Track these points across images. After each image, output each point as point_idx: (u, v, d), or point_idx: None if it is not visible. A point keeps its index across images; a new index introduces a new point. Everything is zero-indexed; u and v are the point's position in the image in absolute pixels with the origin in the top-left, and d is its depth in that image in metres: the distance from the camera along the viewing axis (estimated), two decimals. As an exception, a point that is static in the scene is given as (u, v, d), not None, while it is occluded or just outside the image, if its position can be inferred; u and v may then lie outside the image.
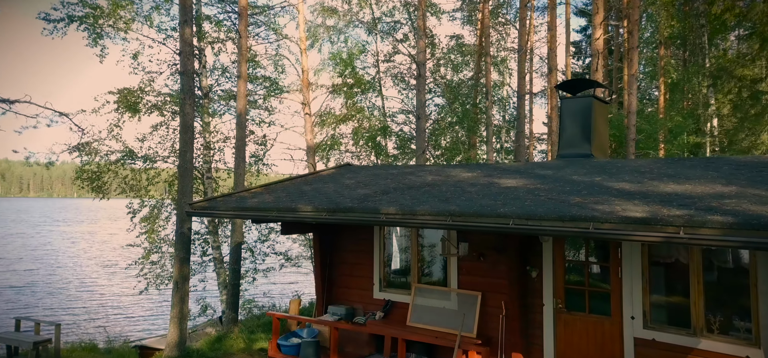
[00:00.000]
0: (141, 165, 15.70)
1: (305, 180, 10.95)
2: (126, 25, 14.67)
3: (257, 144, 17.59)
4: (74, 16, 14.24)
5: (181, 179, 9.99)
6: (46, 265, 29.43)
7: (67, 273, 27.48)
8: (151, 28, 15.37)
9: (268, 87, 17.76)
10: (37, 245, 40.26)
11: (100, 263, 30.59)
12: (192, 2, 10.22)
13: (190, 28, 9.84)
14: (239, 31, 11.76)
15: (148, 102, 15.21)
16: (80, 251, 36.95)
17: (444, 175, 9.63)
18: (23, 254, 33.03)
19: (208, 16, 15.90)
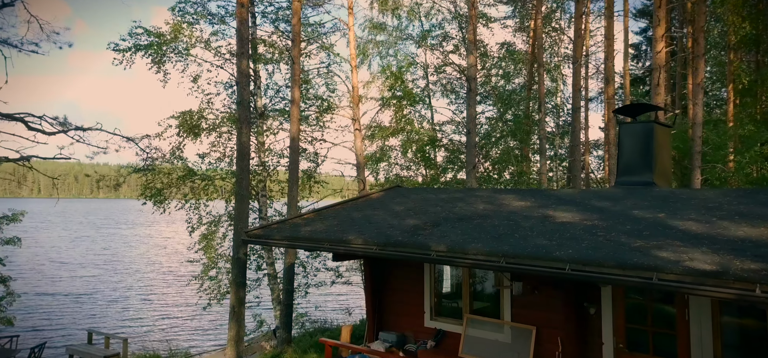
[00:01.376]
0: (200, 183, 16.40)
1: (355, 205, 11.06)
2: (186, 51, 15.40)
3: (309, 161, 17.96)
4: (140, 45, 15.09)
5: (238, 204, 10.34)
6: (108, 271, 31.13)
7: (129, 279, 28.99)
8: (209, 51, 16.06)
9: (320, 105, 18.10)
10: (100, 249, 42.64)
11: (159, 270, 32.07)
12: (248, 35, 10.57)
13: (247, 61, 10.20)
14: (293, 56, 12.06)
15: (208, 123, 15.87)
16: (138, 255, 38.81)
17: (495, 203, 9.46)
18: (87, 259, 35.05)
19: (263, 39, 16.40)
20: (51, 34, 10.43)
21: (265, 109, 16.90)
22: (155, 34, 15.31)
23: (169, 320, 20.28)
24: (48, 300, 22.44)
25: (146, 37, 15.15)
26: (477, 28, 20.28)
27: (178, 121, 15.60)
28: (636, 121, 9.31)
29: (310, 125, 18.35)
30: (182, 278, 27.87)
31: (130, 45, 15.11)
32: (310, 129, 18.32)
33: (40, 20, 9.83)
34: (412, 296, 9.91)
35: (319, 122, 18.58)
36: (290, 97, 12.51)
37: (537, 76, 25.60)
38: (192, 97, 16.59)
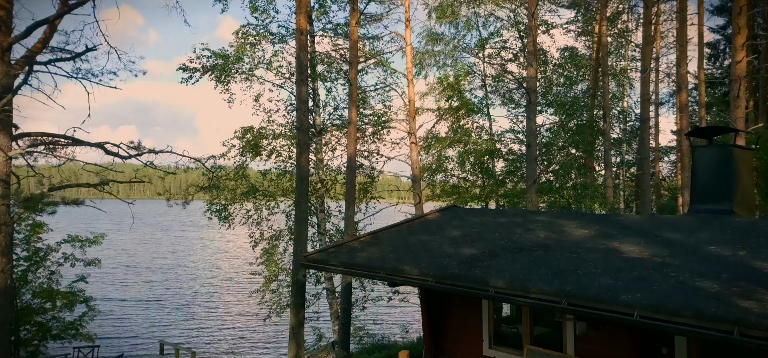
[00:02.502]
0: (262, 199, 16.98)
1: (411, 227, 11.01)
2: (250, 72, 16.03)
3: (366, 175, 18.13)
4: (207, 67, 15.87)
5: (297, 227, 10.60)
6: (173, 276, 32.72)
7: (193, 284, 30.33)
8: (270, 71, 16.62)
9: (376, 120, 18.24)
10: (166, 252, 44.71)
11: (221, 276, 33.39)
12: (307, 62, 10.84)
13: (305, 87, 10.45)
14: (350, 79, 12.22)
15: (268, 142, 16.42)
16: (201, 259, 40.37)
17: (557, 231, 9.10)
18: (154, 264, 36.91)
19: (321, 57, 16.77)
20: (127, 64, 11.08)
21: (323, 126, 17.25)
22: (221, 55, 16.04)
23: (233, 331, 21.07)
24: (118, 306, 23.86)
25: (213, 58, 15.91)
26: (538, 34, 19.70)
27: (241, 142, 16.22)
28: (712, 143, 8.67)
29: (365, 140, 18.52)
30: (243, 285, 28.91)
31: (197, 66, 15.94)
32: (366, 144, 18.49)
33: (118, 51, 10.45)
34: (471, 322, 9.73)
35: (375, 136, 18.71)
36: (348, 118, 12.67)
37: (601, 82, 24.50)
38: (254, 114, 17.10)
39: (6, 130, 8.20)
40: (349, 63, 12.57)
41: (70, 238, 10.50)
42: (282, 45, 17.00)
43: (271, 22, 16.89)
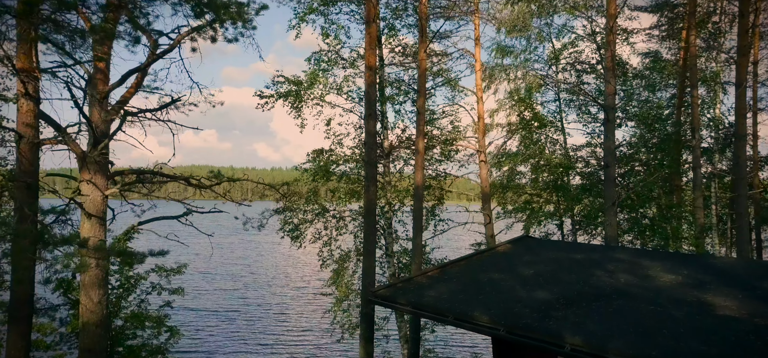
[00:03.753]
0: (332, 221, 17.34)
1: (480, 261, 10.75)
2: (321, 99, 16.45)
3: (434, 198, 17.99)
4: (281, 93, 16.49)
5: (365, 259, 10.69)
6: (244, 285, 33.67)
7: (264, 292, 31.14)
8: (341, 96, 16.97)
9: (445, 141, 18.06)
10: (237, 258, 45.86)
11: (291, 285, 34.12)
12: (376, 97, 10.95)
13: (374, 122, 10.56)
14: (417, 107, 12.19)
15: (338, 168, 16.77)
16: (272, 266, 41.07)
17: (639, 274, 8.50)
18: (226, 270, 37.83)
19: (390, 77, 16.91)
20: (207, 97, 11.71)
21: (392, 148, 17.34)
22: (294, 82, 16.60)
23: (305, 348, 21.61)
24: (194, 316, 24.91)
25: (287, 84, 16.52)
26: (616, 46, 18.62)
27: (313, 166, 16.67)
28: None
29: (433, 163, 18.38)
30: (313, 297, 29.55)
31: (272, 93, 16.60)
32: (433, 167, 18.34)
33: (200, 86, 11.05)
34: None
35: (443, 153, 18.53)
36: (415, 147, 12.65)
37: (689, 91, 22.73)
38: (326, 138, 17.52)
39: (102, 171, 8.92)
40: (416, 92, 12.55)
41: (157, 268, 11.30)
42: (353, 70, 17.33)
43: (342, 47, 17.22)
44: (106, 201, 9.46)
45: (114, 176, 10.06)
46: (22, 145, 7.35)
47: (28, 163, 7.48)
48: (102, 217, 9.34)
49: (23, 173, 7.47)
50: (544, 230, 23.17)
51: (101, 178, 9.32)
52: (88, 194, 8.82)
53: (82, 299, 8.87)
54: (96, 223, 9.16)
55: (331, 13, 16.75)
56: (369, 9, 10.75)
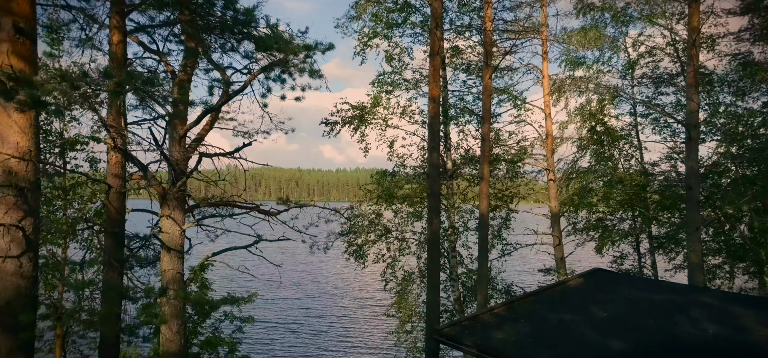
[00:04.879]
0: (395, 242, 17.38)
1: (551, 297, 10.34)
2: (384, 123, 16.59)
3: (500, 220, 17.56)
4: (346, 119, 16.80)
5: (429, 292, 10.59)
6: (308, 294, 33.94)
7: (325, 301, 31.38)
8: (404, 118, 17.02)
9: (511, 159, 17.60)
10: (298, 264, 46.04)
11: (352, 295, 34.22)
12: (439, 129, 10.86)
13: (437, 153, 10.46)
14: (482, 134, 11.94)
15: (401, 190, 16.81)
16: (333, 274, 41.12)
17: (729, 324, 7.80)
18: (287, 277, 37.68)
19: (453, 117, 16.75)
20: (278, 124, 12.12)
21: (455, 168, 17.13)
22: (358, 107, 16.85)
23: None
24: (258, 328, 25.05)
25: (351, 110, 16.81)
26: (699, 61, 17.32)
27: (377, 189, 16.82)
28: None
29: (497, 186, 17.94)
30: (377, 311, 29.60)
31: (337, 119, 16.93)
32: (498, 188, 17.90)
33: (271, 114, 11.44)
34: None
35: (509, 173, 18.06)
36: (480, 173, 12.38)
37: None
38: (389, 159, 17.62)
39: (181, 207, 9.42)
40: (481, 118, 12.32)
41: (229, 297, 11.83)
42: (415, 91, 17.34)
43: (405, 69, 17.28)
44: (183, 234, 10.02)
45: (191, 209, 10.65)
46: (111, 194, 7.93)
47: (115, 212, 8.07)
48: (180, 250, 9.90)
49: (111, 222, 8.05)
50: (617, 250, 21.97)
51: (179, 213, 9.88)
52: (167, 231, 9.38)
53: (163, 328, 9.43)
54: (175, 256, 9.73)
55: (395, 36, 16.87)
56: (433, 41, 10.69)
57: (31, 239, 6.64)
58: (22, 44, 6.71)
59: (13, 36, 6.61)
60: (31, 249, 6.64)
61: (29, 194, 6.63)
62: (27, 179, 6.64)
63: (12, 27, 6.59)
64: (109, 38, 7.67)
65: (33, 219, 6.68)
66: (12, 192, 6.48)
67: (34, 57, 6.93)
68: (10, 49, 6.63)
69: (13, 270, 6.49)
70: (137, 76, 6.48)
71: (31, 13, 6.83)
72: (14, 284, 6.48)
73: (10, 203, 6.54)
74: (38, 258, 6.93)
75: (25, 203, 6.61)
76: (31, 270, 6.67)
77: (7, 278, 6.44)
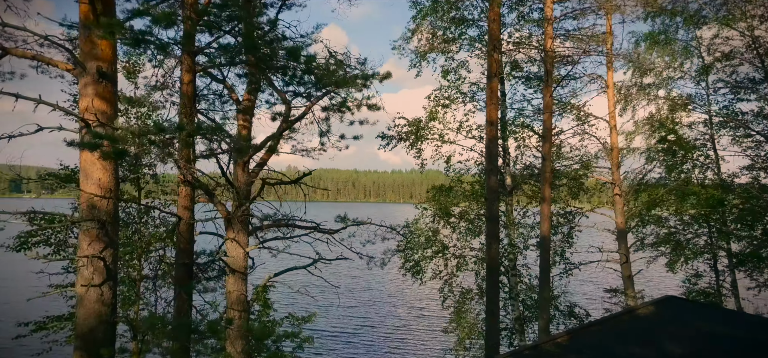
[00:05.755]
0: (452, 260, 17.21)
1: (617, 327, 9.84)
2: (441, 138, 16.50)
3: (562, 240, 16.97)
4: (402, 135, 16.85)
5: (488, 319, 10.39)
6: (363, 302, 33.65)
7: (381, 314, 31.15)
8: (461, 133, 16.85)
9: (573, 175, 16.97)
10: (354, 269, 45.47)
11: (405, 305, 33.87)
12: (498, 151, 10.66)
13: (496, 177, 10.26)
14: (543, 153, 11.58)
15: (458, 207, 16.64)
16: (389, 280, 40.56)
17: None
18: (343, 282, 37.52)
19: (513, 132, 16.38)
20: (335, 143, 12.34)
21: (514, 185, 16.74)
22: (414, 123, 16.86)
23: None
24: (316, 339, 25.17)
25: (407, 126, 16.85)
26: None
27: (434, 206, 16.74)
28: None
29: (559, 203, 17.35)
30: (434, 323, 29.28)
31: (393, 134, 17.03)
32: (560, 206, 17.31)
33: (330, 136, 11.66)
34: None
35: (571, 191, 17.40)
36: (542, 194, 12.02)
37: None
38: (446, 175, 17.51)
39: (244, 229, 9.79)
40: (542, 137, 11.97)
41: (289, 315, 12.18)
42: (473, 104, 17.13)
43: (462, 82, 17.10)
44: (247, 256, 10.43)
45: (255, 231, 11.06)
46: (181, 226, 8.38)
47: (185, 242, 8.51)
48: (244, 271, 10.30)
49: (181, 252, 8.50)
50: (691, 268, 20.61)
51: (243, 236, 10.28)
52: (232, 253, 9.78)
53: (228, 347, 9.84)
54: (239, 277, 10.13)
55: (451, 51, 16.73)
56: (491, 63, 10.50)
57: (111, 269, 7.14)
58: (104, 87, 7.25)
59: (98, 80, 7.15)
60: (111, 278, 7.14)
61: (109, 227, 7.14)
62: (108, 213, 7.15)
63: (96, 72, 7.14)
64: (181, 78, 8.13)
65: (112, 250, 7.19)
66: (94, 225, 7.00)
67: (114, 98, 7.47)
68: (94, 91, 7.19)
69: (96, 297, 7.01)
70: (206, 129, 6.84)
71: (112, 58, 7.37)
72: (96, 310, 7.00)
73: (93, 235, 7.06)
74: (117, 286, 7.44)
75: (106, 236, 7.11)
76: (111, 298, 7.18)
77: (90, 305, 6.96)
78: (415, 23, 16.40)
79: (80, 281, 6.96)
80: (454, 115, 17.13)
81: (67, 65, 7.37)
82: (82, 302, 6.93)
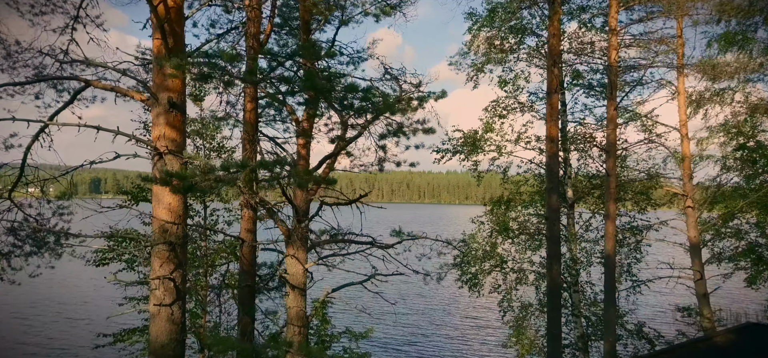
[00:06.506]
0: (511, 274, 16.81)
1: (693, 355, 9.24)
2: (498, 150, 16.21)
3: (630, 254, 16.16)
4: (457, 148, 16.69)
5: (550, 344, 10.05)
6: (420, 310, 33.01)
7: (436, 323, 30.43)
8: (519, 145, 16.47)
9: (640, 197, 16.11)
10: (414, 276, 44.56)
11: (460, 314, 33.00)
12: (558, 170, 10.31)
13: (557, 196, 9.93)
14: (608, 169, 11.08)
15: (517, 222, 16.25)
16: (443, 287, 39.20)
17: None
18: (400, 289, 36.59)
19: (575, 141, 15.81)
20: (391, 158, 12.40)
21: (576, 196, 16.12)
22: (470, 135, 16.64)
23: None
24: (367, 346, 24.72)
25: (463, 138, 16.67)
26: None
27: (491, 219, 16.44)
28: None
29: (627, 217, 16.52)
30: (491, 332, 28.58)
31: (448, 147, 16.88)
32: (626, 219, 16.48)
33: (386, 149, 11.72)
34: None
35: (638, 205, 16.53)
36: (606, 212, 11.49)
37: None
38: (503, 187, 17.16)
39: (304, 246, 10.02)
40: (606, 151, 11.45)
41: (347, 331, 12.33)
42: (532, 114, 16.71)
43: (520, 92, 16.73)
44: (306, 273, 10.68)
45: (313, 247, 11.31)
46: (244, 248, 8.70)
47: (248, 264, 8.83)
48: (303, 287, 10.55)
49: (245, 274, 8.83)
50: (776, 285, 19.02)
51: (303, 252, 10.53)
52: (292, 270, 10.04)
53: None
54: (298, 293, 10.39)
55: (508, 61, 16.40)
56: (550, 79, 10.18)
57: (180, 289, 7.53)
58: (174, 116, 7.67)
59: (168, 110, 7.58)
60: (180, 298, 7.53)
61: (179, 249, 7.54)
62: (177, 236, 7.55)
63: (167, 102, 7.57)
64: (244, 106, 8.48)
65: (182, 272, 7.58)
66: (166, 248, 7.41)
67: (183, 126, 7.89)
68: (165, 121, 7.63)
69: (166, 317, 7.41)
70: (267, 164, 7.08)
71: (182, 89, 7.79)
72: (167, 329, 7.40)
73: (164, 256, 7.48)
74: (185, 305, 7.84)
75: (176, 257, 7.51)
76: (180, 317, 7.57)
77: (162, 323, 7.37)
78: (471, 34, 16.20)
79: (153, 300, 7.39)
80: (511, 125, 16.77)
81: (142, 96, 7.87)
82: (155, 321, 7.35)
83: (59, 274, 28.62)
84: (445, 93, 9.07)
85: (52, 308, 30.62)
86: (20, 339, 24.17)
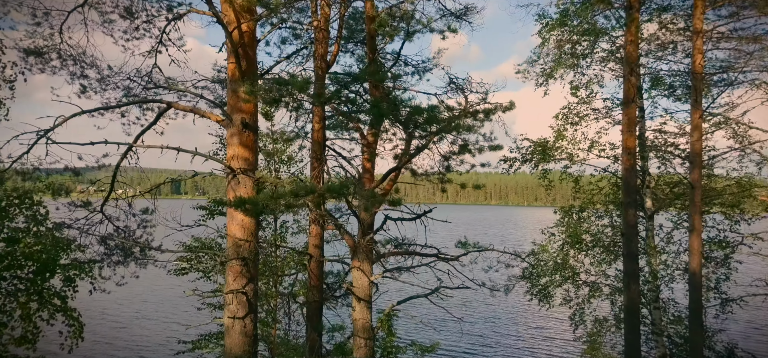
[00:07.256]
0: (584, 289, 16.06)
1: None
2: (570, 158, 15.55)
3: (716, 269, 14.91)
4: (525, 157, 16.18)
5: (628, 350, 9.47)
6: (481, 320, 31.78)
7: (502, 330, 29.12)
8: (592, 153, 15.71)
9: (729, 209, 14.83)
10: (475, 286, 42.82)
11: (531, 325, 31.53)
12: (636, 184, 9.71)
13: (634, 210, 9.35)
14: (692, 181, 10.24)
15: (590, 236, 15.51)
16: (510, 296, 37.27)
17: None
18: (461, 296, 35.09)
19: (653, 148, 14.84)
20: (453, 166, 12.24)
21: (656, 207, 15.11)
22: (538, 143, 16.08)
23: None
24: None
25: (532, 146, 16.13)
26: None
27: (563, 231, 15.81)
28: None
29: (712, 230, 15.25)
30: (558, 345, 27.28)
31: (516, 156, 16.39)
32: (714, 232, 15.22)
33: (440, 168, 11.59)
34: None
35: (727, 217, 15.21)
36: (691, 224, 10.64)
37: None
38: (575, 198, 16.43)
39: (369, 258, 10.11)
40: (690, 162, 10.62)
41: (412, 343, 12.35)
42: (607, 120, 15.88)
43: (594, 97, 15.93)
44: (371, 285, 10.77)
45: (379, 259, 11.39)
46: (312, 263, 8.91)
47: (315, 278, 9.04)
48: (368, 299, 10.65)
49: (312, 289, 9.04)
50: None
51: (368, 265, 10.63)
52: (357, 284, 10.17)
53: (354, 374, 10.23)
54: (364, 306, 10.49)
55: (581, 67, 15.68)
56: (628, 88, 9.58)
57: (252, 303, 7.85)
58: (247, 136, 8.02)
59: (242, 130, 7.93)
60: (252, 311, 7.84)
61: (251, 264, 7.86)
62: (250, 251, 7.88)
63: (241, 123, 7.92)
64: (312, 126, 8.71)
65: (253, 286, 7.90)
66: (239, 263, 7.75)
67: (256, 145, 8.23)
68: (239, 141, 7.98)
69: (240, 329, 7.74)
70: (333, 188, 7.22)
71: (254, 110, 8.13)
72: (240, 341, 7.73)
73: (237, 271, 7.82)
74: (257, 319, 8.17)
75: (248, 272, 7.83)
76: (253, 329, 7.88)
77: (235, 336, 7.71)
78: (542, 38, 15.64)
79: (227, 313, 7.74)
80: (584, 133, 16.01)
81: (218, 117, 8.28)
82: (229, 333, 7.70)
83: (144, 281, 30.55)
84: (513, 104, 8.81)
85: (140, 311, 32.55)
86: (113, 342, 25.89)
